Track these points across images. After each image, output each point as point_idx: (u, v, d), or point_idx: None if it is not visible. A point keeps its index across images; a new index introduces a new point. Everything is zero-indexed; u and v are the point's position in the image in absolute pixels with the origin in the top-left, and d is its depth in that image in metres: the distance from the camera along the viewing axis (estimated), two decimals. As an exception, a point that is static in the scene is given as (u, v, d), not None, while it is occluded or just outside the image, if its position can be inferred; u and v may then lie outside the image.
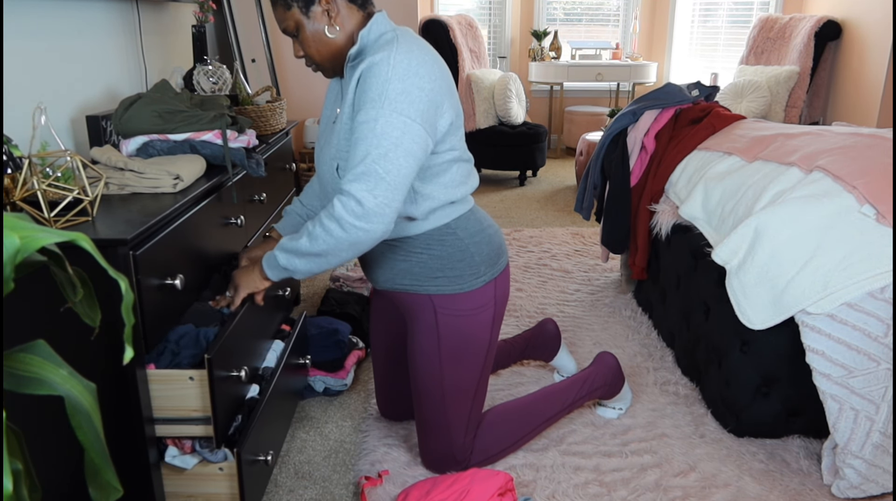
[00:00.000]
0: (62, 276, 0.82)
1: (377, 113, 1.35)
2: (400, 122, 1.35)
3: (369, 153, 1.35)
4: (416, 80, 1.37)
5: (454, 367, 1.65)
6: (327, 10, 1.45)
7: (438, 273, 1.58)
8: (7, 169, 1.39)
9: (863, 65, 4.49)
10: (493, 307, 1.65)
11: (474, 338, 1.64)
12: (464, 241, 1.58)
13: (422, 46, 1.45)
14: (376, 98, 1.36)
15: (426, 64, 1.40)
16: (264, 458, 1.57)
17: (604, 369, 1.95)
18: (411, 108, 1.36)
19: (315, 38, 1.48)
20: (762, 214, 1.78)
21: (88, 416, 0.80)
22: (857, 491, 1.66)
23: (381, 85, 1.36)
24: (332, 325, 2.16)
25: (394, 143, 1.35)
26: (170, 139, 1.75)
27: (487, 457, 1.76)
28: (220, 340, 1.41)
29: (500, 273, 1.65)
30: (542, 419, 1.83)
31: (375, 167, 1.34)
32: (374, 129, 1.35)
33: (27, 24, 1.80)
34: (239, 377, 1.50)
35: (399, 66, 1.36)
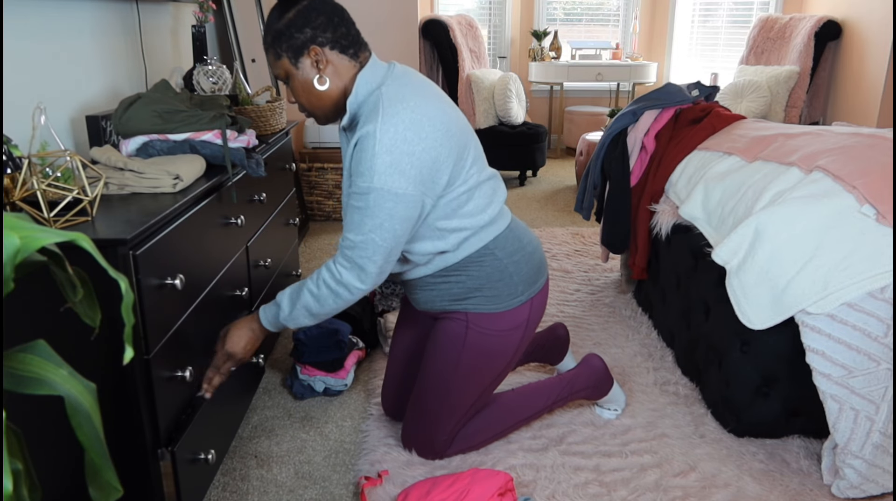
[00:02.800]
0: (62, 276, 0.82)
1: (368, 187, 1.41)
2: (391, 195, 1.40)
3: (365, 224, 1.43)
4: (404, 147, 1.39)
5: (466, 380, 1.68)
6: (316, 61, 1.47)
7: (476, 292, 1.62)
8: (7, 169, 1.39)
9: (863, 65, 4.49)
10: (524, 330, 1.67)
11: (496, 358, 1.67)
12: (502, 261, 1.61)
13: (408, 99, 1.44)
14: (366, 172, 1.40)
15: (414, 124, 1.41)
16: (205, 457, 1.57)
17: (588, 371, 1.94)
18: (401, 179, 1.40)
19: (305, 89, 1.51)
20: (762, 214, 1.78)
21: (88, 416, 0.80)
22: (857, 491, 1.66)
23: (370, 159, 1.39)
24: (332, 325, 2.16)
25: (388, 214, 1.42)
26: (169, 139, 1.75)
27: (463, 448, 1.80)
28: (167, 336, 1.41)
29: (538, 292, 1.67)
30: (523, 416, 1.86)
31: (373, 237, 1.43)
32: (368, 201, 1.41)
33: (27, 25, 1.80)
34: (184, 377, 1.50)
35: (385, 137, 1.39)
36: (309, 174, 3.88)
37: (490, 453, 1.84)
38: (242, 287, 1.95)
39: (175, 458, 1.43)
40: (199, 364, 1.63)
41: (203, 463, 1.58)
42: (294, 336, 2.14)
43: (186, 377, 1.49)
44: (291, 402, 2.12)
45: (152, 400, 1.39)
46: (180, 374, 1.49)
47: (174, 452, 1.43)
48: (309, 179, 3.89)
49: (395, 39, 4.04)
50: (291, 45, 1.46)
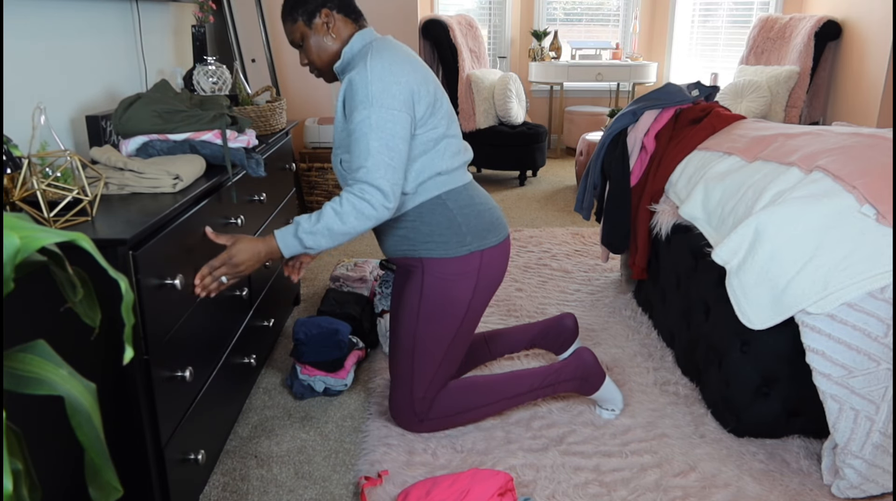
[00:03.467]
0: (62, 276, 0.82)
1: (368, 112, 1.59)
2: (390, 115, 1.60)
3: (372, 146, 1.59)
4: (391, 77, 1.61)
5: (429, 325, 1.81)
6: (326, 21, 1.72)
7: (428, 239, 1.77)
8: (7, 169, 1.39)
9: (863, 65, 4.49)
10: (476, 277, 1.80)
11: (453, 301, 1.80)
12: (452, 211, 1.76)
13: (394, 49, 1.68)
14: (364, 100, 1.60)
15: (397, 62, 1.64)
16: (194, 457, 1.57)
17: (576, 362, 1.95)
18: (395, 100, 1.61)
19: (317, 46, 1.74)
20: (762, 214, 1.78)
21: (88, 416, 0.80)
22: (857, 491, 1.66)
23: (365, 88, 1.60)
24: (332, 325, 2.16)
25: (390, 133, 1.60)
26: (169, 139, 1.75)
27: (445, 417, 1.89)
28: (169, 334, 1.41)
29: (488, 247, 1.81)
30: (506, 396, 1.91)
31: (382, 157, 1.59)
32: (371, 125, 1.59)
33: (27, 25, 1.80)
34: (184, 377, 1.50)
35: (375, 69, 1.62)
36: (309, 174, 3.88)
37: (490, 453, 1.84)
38: (242, 287, 1.95)
39: (164, 458, 1.44)
40: (200, 364, 1.63)
41: (193, 464, 1.58)
42: (294, 336, 2.14)
43: (186, 377, 1.49)
44: (291, 402, 2.12)
45: (152, 400, 1.39)
46: (180, 374, 1.49)
47: (163, 452, 1.43)
48: (309, 179, 3.89)
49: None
50: (306, 9, 1.70)
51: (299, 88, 4.07)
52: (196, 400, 1.61)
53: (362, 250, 3.50)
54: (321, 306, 2.49)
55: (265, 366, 2.33)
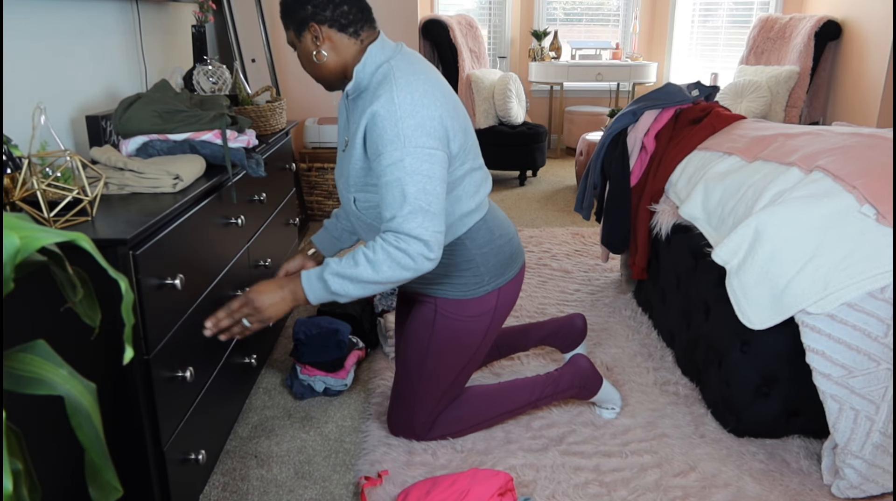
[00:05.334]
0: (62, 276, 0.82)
1: (401, 153, 1.42)
2: (425, 155, 1.43)
3: (409, 192, 1.42)
4: (424, 111, 1.45)
5: (436, 362, 1.76)
6: (315, 37, 1.55)
7: (444, 279, 1.69)
8: (7, 169, 1.39)
9: (863, 65, 4.49)
10: (491, 317, 1.74)
11: (464, 343, 1.75)
12: (471, 251, 1.67)
13: (419, 72, 1.51)
14: (395, 139, 1.43)
15: (428, 93, 1.47)
16: (195, 457, 1.57)
17: (573, 371, 1.94)
18: (430, 139, 1.45)
19: (305, 59, 1.60)
20: (762, 214, 1.78)
21: (88, 416, 0.80)
22: (857, 491, 1.66)
23: (395, 126, 1.43)
24: (332, 325, 2.16)
25: (426, 176, 1.43)
26: (169, 139, 1.75)
27: (444, 434, 1.87)
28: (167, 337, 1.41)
29: (506, 283, 1.73)
30: (505, 409, 1.89)
31: (420, 204, 1.43)
32: (405, 168, 1.42)
33: (27, 24, 1.80)
34: (184, 377, 1.50)
35: (405, 103, 1.44)
36: (309, 174, 3.88)
37: (490, 453, 1.84)
38: (243, 287, 1.95)
39: (164, 458, 1.44)
40: (200, 364, 1.63)
41: (193, 464, 1.58)
42: (294, 336, 2.14)
43: (187, 377, 1.49)
44: (291, 402, 2.12)
45: (152, 400, 1.39)
46: (180, 374, 1.49)
47: (163, 452, 1.43)
48: (309, 179, 3.89)
49: (395, 39, 4.04)
50: (294, 20, 1.55)
51: (299, 88, 4.07)
52: (196, 400, 1.61)
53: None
54: (321, 307, 2.49)
55: (265, 366, 2.33)
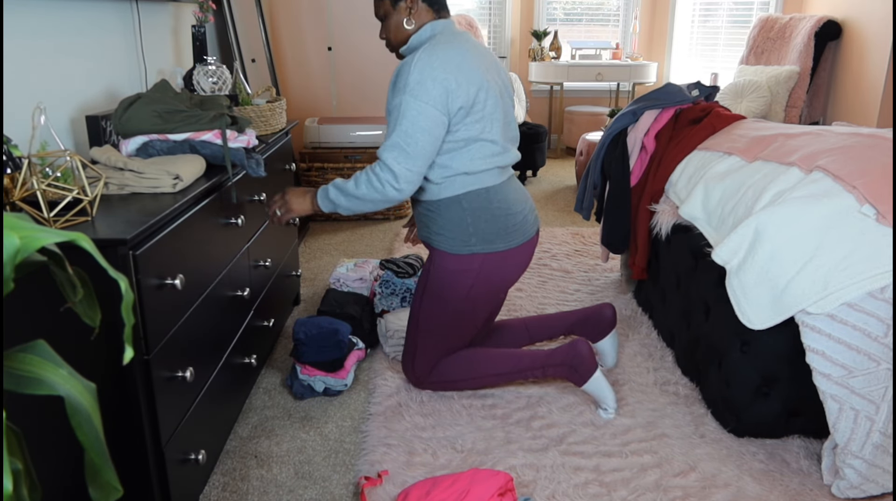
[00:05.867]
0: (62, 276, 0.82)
1: (401, 99, 1.73)
2: (416, 105, 1.72)
3: (395, 130, 1.74)
4: (430, 72, 1.72)
5: (428, 308, 2.00)
6: (410, 7, 1.85)
7: (440, 230, 1.92)
8: (7, 169, 1.39)
9: (863, 65, 4.49)
10: (474, 277, 1.93)
11: (448, 296, 1.96)
12: (465, 211, 1.88)
13: (449, 46, 1.78)
14: (402, 88, 1.74)
15: (443, 59, 1.74)
16: (195, 457, 1.57)
17: (569, 349, 2.00)
18: (426, 94, 1.72)
19: (395, 26, 1.87)
20: (762, 214, 1.78)
21: (88, 416, 0.80)
22: (857, 491, 1.66)
23: (405, 78, 1.74)
24: (332, 325, 2.16)
25: (411, 122, 1.72)
26: (169, 139, 1.75)
27: (442, 382, 2.08)
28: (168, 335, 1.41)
29: (494, 252, 1.91)
30: (499, 371, 2.05)
31: (398, 141, 1.73)
32: (401, 111, 1.73)
33: (27, 24, 1.80)
34: (184, 377, 1.50)
35: (420, 62, 1.73)
36: (309, 174, 3.88)
37: (490, 453, 1.84)
38: (243, 287, 1.95)
39: (164, 458, 1.44)
40: (200, 364, 1.63)
41: (193, 464, 1.58)
42: (294, 336, 2.14)
43: (187, 377, 1.49)
44: (291, 402, 2.12)
45: (152, 400, 1.39)
46: (180, 374, 1.49)
47: (163, 452, 1.43)
48: (309, 180, 3.89)
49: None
50: None
51: (299, 88, 4.07)
52: (196, 400, 1.61)
53: (362, 251, 3.50)
54: (321, 307, 2.49)
55: (265, 366, 2.33)
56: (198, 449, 1.62)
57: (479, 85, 1.79)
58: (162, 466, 1.45)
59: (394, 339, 2.35)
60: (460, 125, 1.80)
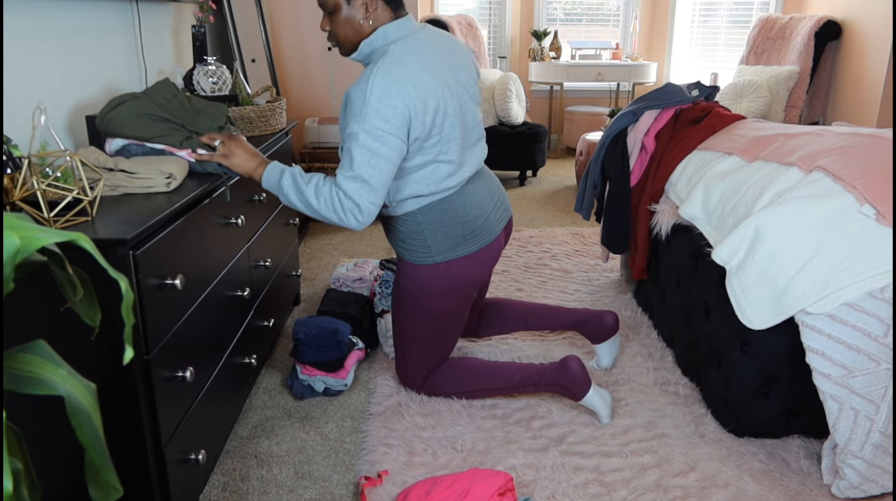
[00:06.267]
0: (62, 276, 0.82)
1: (359, 128, 1.62)
2: (378, 135, 1.62)
3: (356, 160, 1.63)
4: (388, 99, 1.61)
5: (407, 317, 1.99)
6: (366, 5, 1.69)
7: (403, 244, 1.91)
8: (7, 169, 1.39)
9: (863, 65, 4.49)
10: (441, 284, 1.91)
11: (423, 305, 1.94)
12: (420, 225, 1.86)
13: (405, 63, 1.66)
14: (358, 115, 1.63)
15: (401, 81, 1.63)
16: (195, 457, 1.57)
17: (559, 370, 1.97)
18: (386, 123, 1.62)
19: (347, 23, 1.71)
20: (762, 214, 1.78)
21: (88, 416, 0.80)
22: (857, 491, 1.66)
23: (361, 105, 1.62)
24: (332, 325, 2.16)
25: (374, 152, 1.63)
26: (146, 146, 1.74)
27: (436, 392, 2.08)
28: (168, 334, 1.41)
29: (456, 258, 1.89)
30: (492, 385, 2.03)
31: (362, 173, 1.64)
32: (358, 140, 1.63)
33: (27, 24, 1.80)
34: (184, 377, 1.50)
35: (376, 88, 1.61)
36: (309, 174, 3.87)
37: (490, 453, 1.84)
38: (243, 287, 1.95)
39: (164, 458, 1.44)
40: (200, 364, 1.63)
41: (193, 464, 1.58)
42: (294, 336, 2.14)
43: (187, 377, 1.49)
44: (291, 402, 2.12)
45: (152, 400, 1.39)
46: (180, 374, 1.49)
47: (163, 452, 1.43)
48: (309, 180, 3.89)
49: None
50: None
51: (299, 88, 4.08)
52: (196, 400, 1.61)
53: (362, 250, 3.50)
54: (321, 307, 2.49)
55: (265, 366, 2.33)
56: (198, 449, 1.62)
57: (436, 107, 1.69)
58: (162, 466, 1.45)
59: (394, 338, 2.35)
60: (416, 152, 1.74)
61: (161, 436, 1.42)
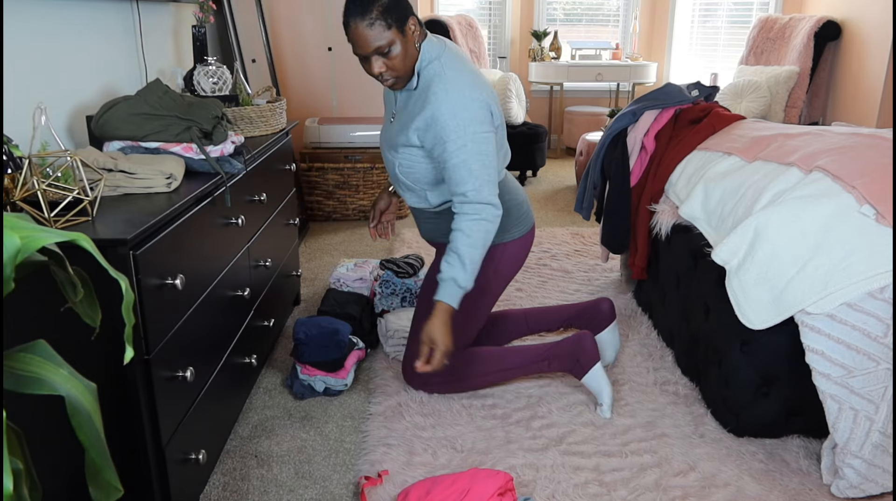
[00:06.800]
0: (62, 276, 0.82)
1: (464, 140, 1.70)
2: (482, 138, 1.72)
3: (474, 169, 1.71)
4: (473, 103, 1.71)
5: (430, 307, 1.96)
6: (414, 30, 1.72)
7: (438, 230, 1.99)
8: (7, 169, 1.39)
9: (862, 65, 4.49)
10: (493, 271, 1.96)
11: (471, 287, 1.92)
12: None
13: (463, 69, 1.76)
14: (456, 130, 1.70)
15: (474, 85, 1.73)
16: (195, 457, 1.57)
17: (574, 339, 2.03)
18: (482, 124, 1.73)
19: (406, 55, 1.72)
20: (762, 214, 1.78)
21: (89, 416, 0.80)
22: (856, 491, 1.66)
23: (454, 119, 1.69)
24: (333, 325, 2.16)
25: (486, 154, 1.73)
26: (141, 146, 1.74)
27: (449, 382, 2.07)
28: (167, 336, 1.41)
29: (511, 240, 1.96)
30: (504, 366, 2.05)
31: (485, 177, 1.73)
32: (469, 151, 1.70)
33: (27, 24, 1.80)
34: (184, 377, 1.50)
35: (458, 99, 1.70)
36: (309, 174, 3.88)
37: (490, 453, 1.84)
38: (244, 287, 1.95)
39: (164, 458, 1.44)
40: (200, 364, 1.64)
41: (194, 463, 1.58)
42: (294, 336, 2.14)
43: (187, 377, 1.49)
44: (291, 402, 2.12)
45: (152, 400, 1.39)
46: (181, 374, 1.49)
47: (164, 451, 1.43)
48: (309, 179, 3.89)
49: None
50: (397, 15, 1.66)
51: (299, 88, 4.08)
52: (197, 400, 1.61)
53: (362, 251, 3.50)
54: (321, 307, 2.49)
55: (265, 366, 2.33)
56: (198, 449, 1.62)
57: (495, 97, 1.81)
58: (162, 466, 1.45)
59: (394, 339, 2.35)
60: (498, 133, 1.83)
61: (161, 436, 1.42)
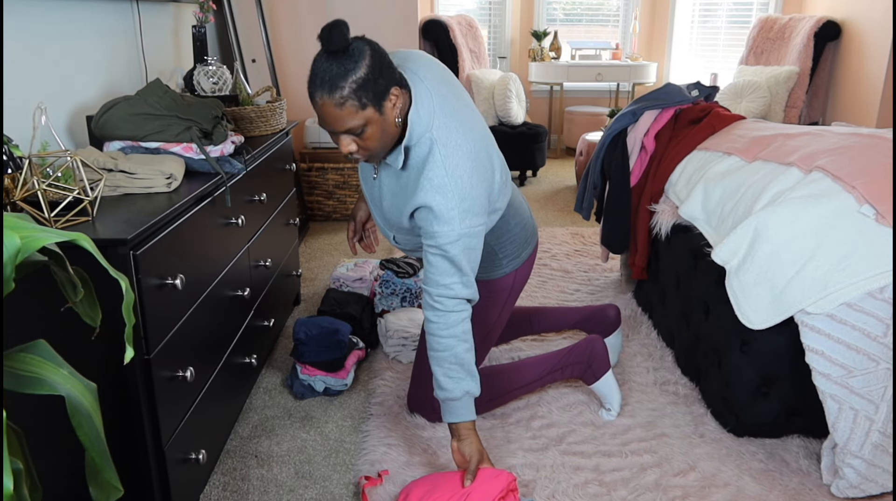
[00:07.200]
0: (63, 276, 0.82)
1: (456, 234, 1.50)
2: (475, 233, 1.54)
3: (463, 268, 1.54)
4: (472, 192, 1.51)
5: None
6: (395, 103, 1.43)
7: None
8: (7, 169, 1.39)
9: (862, 65, 4.49)
10: (507, 294, 1.89)
11: (486, 315, 1.89)
12: (489, 243, 1.81)
13: (460, 143, 1.51)
14: (450, 222, 1.49)
15: (472, 168, 1.51)
16: (195, 457, 1.57)
17: (586, 345, 2.00)
18: (478, 217, 1.53)
19: (384, 133, 1.45)
20: (762, 214, 1.78)
21: (89, 416, 0.80)
22: (856, 491, 1.66)
23: (449, 212, 1.48)
24: (333, 325, 2.16)
25: (475, 249, 1.56)
26: (141, 146, 1.74)
27: None
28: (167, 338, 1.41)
29: (521, 264, 1.87)
30: (522, 383, 1.98)
31: (470, 274, 1.56)
32: (459, 246, 1.52)
33: (27, 24, 1.80)
34: (184, 377, 1.50)
35: (455, 188, 1.48)
36: (309, 174, 3.88)
37: (490, 453, 1.84)
38: (244, 287, 1.95)
39: (165, 458, 1.44)
40: (200, 364, 1.64)
41: (194, 463, 1.58)
42: (294, 336, 2.14)
43: (187, 377, 1.49)
44: (291, 402, 2.12)
45: (153, 400, 1.39)
46: (181, 374, 1.49)
47: (164, 451, 1.43)
48: (309, 179, 3.89)
49: (395, 40, 4.04)
50: (377, 91, 1.38)
51: (299, 88, 4.08)
52: (197, 400, 1.61)
53: (362, 251, 3.50)
54: (321, 307, 2.49)
55: (265, 366, 2.33)
56: (198, 449, 1.62)
57: (490, 151, 1.60)
58: (162, 466, 1.45)
59: (394, 339, 2.35)
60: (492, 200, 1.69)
61: (161, 436, 1.42)
